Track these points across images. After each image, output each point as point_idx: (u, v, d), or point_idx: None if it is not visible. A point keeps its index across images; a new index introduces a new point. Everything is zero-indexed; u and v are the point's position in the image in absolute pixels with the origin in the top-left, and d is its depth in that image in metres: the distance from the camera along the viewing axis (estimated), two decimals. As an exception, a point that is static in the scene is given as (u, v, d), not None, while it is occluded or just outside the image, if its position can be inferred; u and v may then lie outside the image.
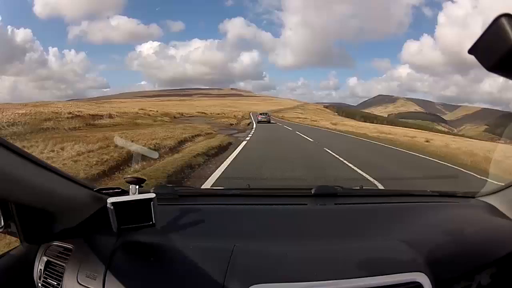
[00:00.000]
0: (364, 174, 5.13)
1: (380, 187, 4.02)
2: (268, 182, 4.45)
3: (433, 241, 0.90)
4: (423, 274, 0.78)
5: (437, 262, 0.82)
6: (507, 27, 0.41)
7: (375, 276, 0.76)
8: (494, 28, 0.42)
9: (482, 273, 0.85)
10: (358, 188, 1.47)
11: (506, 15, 0.42)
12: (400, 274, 0.77)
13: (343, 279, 0.75)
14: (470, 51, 0.45)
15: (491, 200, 1.15)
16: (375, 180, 4.56)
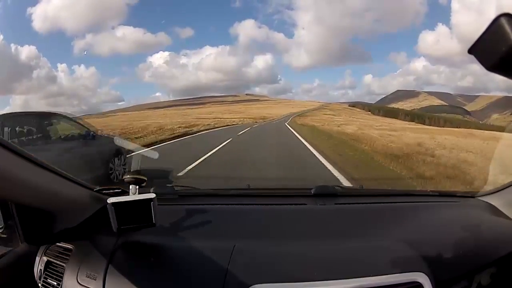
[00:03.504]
0: None
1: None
2: (268, 182, 4.43)
3: (433, 241, 0.90)
4: (423, 274, 0.78)
5: (437, 262, 0.82)
6: (507, 27, 0.41)
7: (375, 276, 0.76)
8: (494, 28, 0.42)
9: (482, 273, 0.85)
10: (358, 188, 1.47)
11: (506, 15, 0.42)
12: (400, 274, 0.77)
13: (343, 279, 0.75)
14: (470, 51, 0.45)
15: (491, 199, 1.14)
16: None
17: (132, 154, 1.00)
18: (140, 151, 1.12)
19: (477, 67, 0.44)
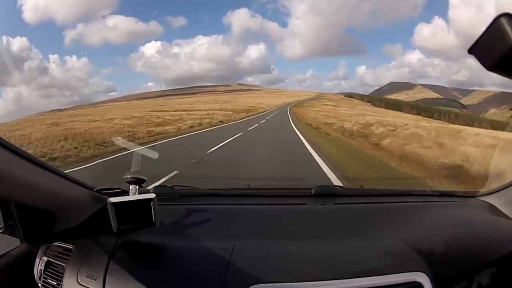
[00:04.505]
0: None
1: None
2: (268, 182, 4.42)
3: (433, 241, 0.90)
4: (423, 274, 0.78)
5: (437, 262, 0.82)
6: (507, 27, 0.41)
7: (375, 276, 0.76)
8: (494, 28, 0.42)
9: (482, 273, 0.85)
10: (358, 188, 1.47)
11: (506, 15, 0.42)
12: (400, 274, 0.77)
13: (343, 279, 0.75)
14: (470, 51, 0.45)
15: (491, 199, 1.14)
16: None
17: (132, 153, 1.00)
18: (139, 151, 1.12)
19: (472, 61, 0.43)
